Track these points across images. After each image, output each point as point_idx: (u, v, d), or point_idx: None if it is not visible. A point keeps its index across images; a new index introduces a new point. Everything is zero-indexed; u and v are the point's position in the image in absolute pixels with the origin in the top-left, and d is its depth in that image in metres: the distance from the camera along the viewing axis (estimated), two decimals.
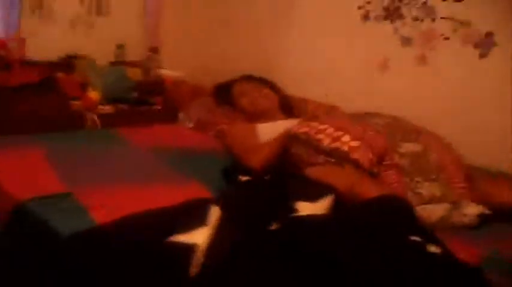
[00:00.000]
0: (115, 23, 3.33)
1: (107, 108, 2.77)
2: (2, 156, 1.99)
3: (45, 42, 3.00)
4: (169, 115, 2.79)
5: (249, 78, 2.68)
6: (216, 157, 2.23)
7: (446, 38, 2.36)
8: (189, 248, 1.29)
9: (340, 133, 1.96)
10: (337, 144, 1.92)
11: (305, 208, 1.47)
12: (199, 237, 1.33)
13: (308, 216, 1.41)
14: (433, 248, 1.34)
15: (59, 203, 1.67)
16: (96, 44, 3.20)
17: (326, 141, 1.95)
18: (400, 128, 2.05)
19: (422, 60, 2.44)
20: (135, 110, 2.87)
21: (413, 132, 2.08)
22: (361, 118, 2.17)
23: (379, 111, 2.32)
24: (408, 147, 1.97)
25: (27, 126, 2.38)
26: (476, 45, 2.28)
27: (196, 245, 1.30)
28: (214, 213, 1.43)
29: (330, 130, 2.00)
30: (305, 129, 2.06)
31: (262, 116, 2.48)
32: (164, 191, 1.78)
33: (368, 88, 2.65)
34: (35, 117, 2.49)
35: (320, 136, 1.98)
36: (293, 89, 2.79)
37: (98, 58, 3.10)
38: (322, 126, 2.04)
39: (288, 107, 2.64)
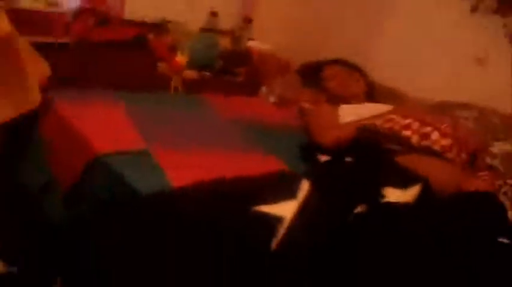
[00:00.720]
0: None
1: (192, 74, 2.78)
2: (87, 108, 2.06)
3: (142, 3, 3.03)
4: (251, 87, 2.77)
5: (340, 62, 2.66)
6: (296, 134, 2.19)
7: None
8: (276, 220, 1.28)
9: (427, 129, 1.90)
10: (427, 142, 1.86)
11: (392, 194, 1.44)
12: (287, 210, 1.31)
13: (396, 203, 1.36)
14: None
15: (136, 159, 1.70)
16: (190, 9, 3.23)
17: (415, 139, 1.89)
18: (489, 124, 1.94)
19: None
20: (219, 79, 2.87)
21: (502, 128, 2.00)
22: (447, 110, 2.08)
23: None
24: (500, 146, 1.88)
25: (113, 81, 2.42)
26: None
27: (283, 217, 1.29)
28: (304, 187, 1.40)
29: (416, 125, 1.94)
30: (389, 124, 2.00)
31: (348, 100, 2.45)
32: (242, 161, 1.77)
33: (461, 83, 2.50)
34: (122, 73, 2.55)
35: (407, 133, 1.92)
36: (381, 76, 2.69)
37: (190, 23, 3.13)
38: (406, 121, 1.97)
39: (372, 94, 2.57)
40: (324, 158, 1.79)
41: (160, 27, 2.97)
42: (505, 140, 1.91)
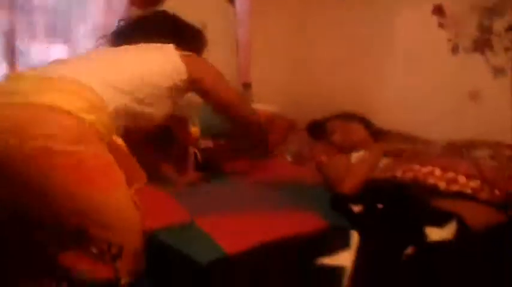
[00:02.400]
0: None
1: (207, 143, 2.93)
2: None
3: None
4: (266, 149, 2.92)
5: (340, 116, 2.80)
6: (319, 188, 2.32)
7: None
8: (339, 270, 1.38)
9: (451, 174, 1.93)
10: (456, 186, 1.89)
11: (434, 233, 1.53)
12: (345, 259, 1.41)
13: (442, 242, 1.48)
14: None
15: (186, 232, 1.79)
16: None
17: (442, 185, 1.92)
18: (505, 158, 2.04)
19: None
20: (233, 144, 3.01)
21: None
22: (460, 152, 2.16)
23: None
24: None
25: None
26: None
27: (344, 267, 1.39)
28: (354, 237, 1.51)
29: (438, 171, 1.98)
30: (410, 174, 2.04)
31: (356, 148, 2.55)
32: (284, 220, 1.86)
33: (460, 119, 2.71)
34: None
35: (431, 180, 1.95)
36: (386, 121, 2.88)
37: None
38: (427, 169, 2.01)
39: (380, 138, 2.72)
40: (356, 207, 1.91)
41: None
42: None
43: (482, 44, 2.62)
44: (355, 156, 2.43)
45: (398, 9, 3.02)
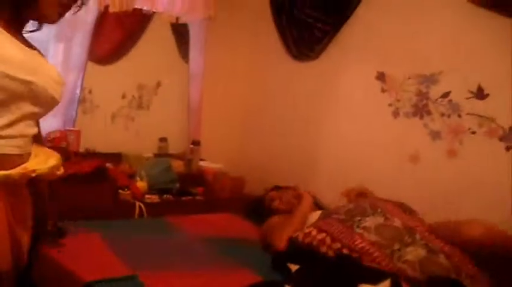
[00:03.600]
0: (156, 117, 3.61)
1: (153, 198, 2.94)
2: (64, 241, 2.14)
3: (95, 136, 3.24)
4: (210, 205, 2.96)
5: (273, 188, 2.85)
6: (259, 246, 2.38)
7: (473, 133, 2.54)
8: None
9: (338, 245, 2.05)
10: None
11: None
12: None
13: None
14: None
15: (126, 285, 1.78)
16: (139, 137, 3.46)
17: (331, 254, 2.05)
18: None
19: (452, 153, 2.61)
20: (179, 200, 3.04)
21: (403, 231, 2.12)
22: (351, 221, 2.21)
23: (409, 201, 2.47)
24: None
25: (81, 213, 2.53)
26: (501, 139, 2.45)
27: None
28: None
29: (328, 240, 2.10)
30: (308, 239, 2.14)
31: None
32: (221, 278, 1.92)
33: (401, 178, 2.81)
34: (86, 204, 2.65)
35: (323, 249, 2.08)
36: (329, 179, 2.96)
37: (143, 150, 3.34)
38: (321, 235, 2.12)
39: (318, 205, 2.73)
40: (294, 267, 1.93)
41: (116, 156, 3.15)
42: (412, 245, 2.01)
43: (420, 109, 2.77)
44: None
45: (345, 73, 3.17)
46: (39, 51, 1.47)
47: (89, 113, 3.34)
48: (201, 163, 3.41)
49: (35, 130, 1.41)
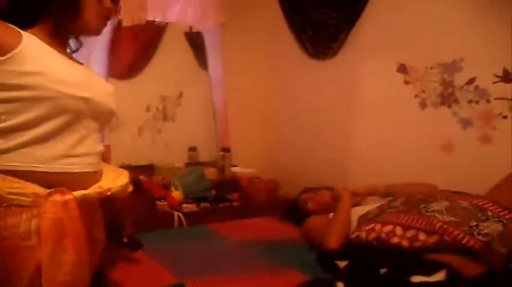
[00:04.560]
0: (182, 127, 3.67)
1: (190, 207, 2.98)
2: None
3: (125, 150, 3.29)
4: (248, 210, 2.99)
5: (304, 190, 2.87)
6: (303, 246, 2.39)
7: (505, 117, 2.53)
8: None
9: (412, 232, 1.98)
10: (418, 244, 1.95)
11: (419, 280, 1.59)
12: None
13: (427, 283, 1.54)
14: None
15: None
16: (168, 148, 3.50)
17: (405, 243, 1.98)
18: (460, 210, 2.08)
19: (486, 139, 2.61)
20: (216, 207, 3.09)
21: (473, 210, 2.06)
22: (418, 207, 2.14)
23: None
24: (488, 226, 1.95)
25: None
26: None
27: None
28: None
29: (399, 230, 2.03)
30: (373, 234, 2.09)
31: (330, 210, 2.58)
32: (270, 280, 1.94)
33: (435, 170, 2.81)
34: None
35: (394, 240, 2.00)
36: (360, 175, 2.98)
37: (172, 161, 3.38)
38: (387, 228, 2.06)
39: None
40: (342, 263, 1.95)
41: (148, 168, 3.20)
42: (487, 220, 1.95)
43: (447, 98, 2.78)
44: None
45: (366, 68, 3.20)
46: (86, 65, 1.50)
47: (115, 129, 3.39)
48: (233, 169, 3.44)
49: (102, 147, 1.43)
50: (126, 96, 3.43)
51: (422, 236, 1.96)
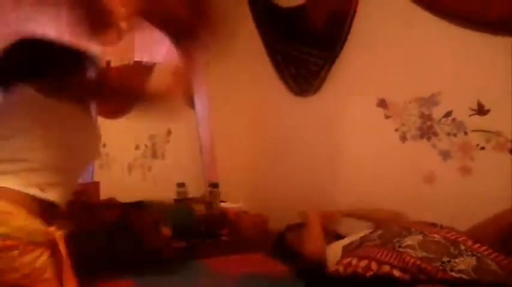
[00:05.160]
0: (171, 164, 3.75)
1: (180, 243, 3.00)
2: None
3: (113, 186, 3.34)
4: (238, 245, 3.04)
5: (290, 227, 2.92)
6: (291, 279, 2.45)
7: (483, 148, 2.61)
8: None
9: (387, 268, 2.01)
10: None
11: None
12: None
13: None
14: None
15: None
16: (157, 184, 3.55)
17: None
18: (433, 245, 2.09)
19: (465, 170, 2.69)
20: (206, 243, 3.11)
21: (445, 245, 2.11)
22: (391, 242, 2.19)
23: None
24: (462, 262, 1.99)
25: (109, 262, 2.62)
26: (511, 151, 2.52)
27: None
28: None
29: (374, 266, 2.06)
30: (350, 269, 2.12)
31: None
32: None
33: (418, 200, 2.88)
34: (116, 254, 2.73)
35: (370, 273, 2.04)
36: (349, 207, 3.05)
37: (160, 197, 3.43)
38: (363, 263, 2.10)
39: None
40: None
41: (137, 205, 3.23)
42: (460, 255, 1.99)
43: (426, 131, 2.88)
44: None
45: (347, 103, 3.30)
46: None
47: (105, 166, 3.44)
48: (222, 205, 3.49)
49: None
50: (115, 134, 3.50)
51: (396, 273, 1.98)
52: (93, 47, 1.80)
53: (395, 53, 3.01)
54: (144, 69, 3.64)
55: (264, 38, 3.84)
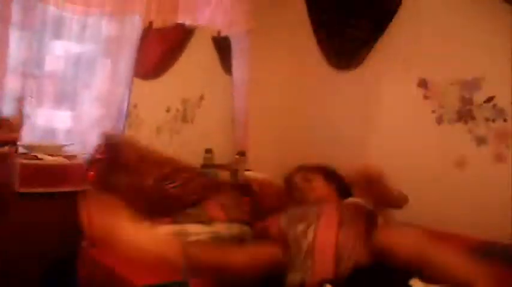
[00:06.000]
0: (200, 130, 3.75)
1: None
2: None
3: None
4: (257, 215, 3.01)
5: (302, 168, 2.64)
6: None
7: None
8: None
9: None
10: None
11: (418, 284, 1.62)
12: None
13: None
14: None
15: None
16: (184, 149, 3.56)
17: None
18: None
19: (499, 157, 2.60)
20: None
21: None
22: None
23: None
24: None
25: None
26: None
27: None
28: None
29: None
30: None
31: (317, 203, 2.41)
32: None
33: (446, 184, 2.82)
34: None
35: None
36: None
37: (188, 161, 3.44)
38: None
39: (347, 192, 2.52)
40: None
41: None
42: None
43: (464, 115, 2.78)
44: None
45: (387, 81, 3.21)
46: None
47: (134, 126, 3.46)
48: (247, 174, 3.48)
49: None
50: (148, 96, 3.52)
51: None
52: None
53: (442, 33, 2.91)
54: (185, 32, 3.64)
55: (309, 9, 3.75)
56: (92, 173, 2.86)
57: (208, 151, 3.63)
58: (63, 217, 2.56)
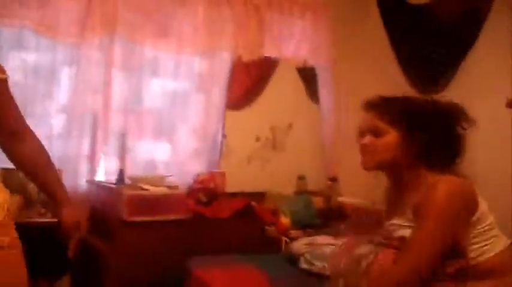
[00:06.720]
0: (291, 157, 3.82)
1: (297, 233, 3.04)
2: (222, 273, 2.37)
3: (239, 178, 3.46)
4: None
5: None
6: None
7: None
8: None
9: None
10: None
11: None
12: None
13: None
14: None
15: None
16: (276, 176, 3.64)
17: None
18: None
19: None
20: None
21: None
22: None
23: None
24: None
25: (232, 247, 2.81)
26: None
27: None
28: None
29: None
30: None
31: None
32: None
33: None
34: (238, 240, 2.90)
35: None
36: None
37: (280, 188, 3.52)
38: None
39: None
40: None
41: (258, 195, 3.35)
42: None
43: None
44: None
45: (474, 103, 3.09)
46: None
47: (225, 157, 3.59)
48: (340, 199, 3.50)
49: None
50: (237, 126, 3.65)
51: None
52: None
53: None
54: (271, 64, 3.75)
55: (391, 36, 3.76)
56: (191, 202, 2.98)
57: (301, 177, 3.68)
58: (168, 243, 2.75)
